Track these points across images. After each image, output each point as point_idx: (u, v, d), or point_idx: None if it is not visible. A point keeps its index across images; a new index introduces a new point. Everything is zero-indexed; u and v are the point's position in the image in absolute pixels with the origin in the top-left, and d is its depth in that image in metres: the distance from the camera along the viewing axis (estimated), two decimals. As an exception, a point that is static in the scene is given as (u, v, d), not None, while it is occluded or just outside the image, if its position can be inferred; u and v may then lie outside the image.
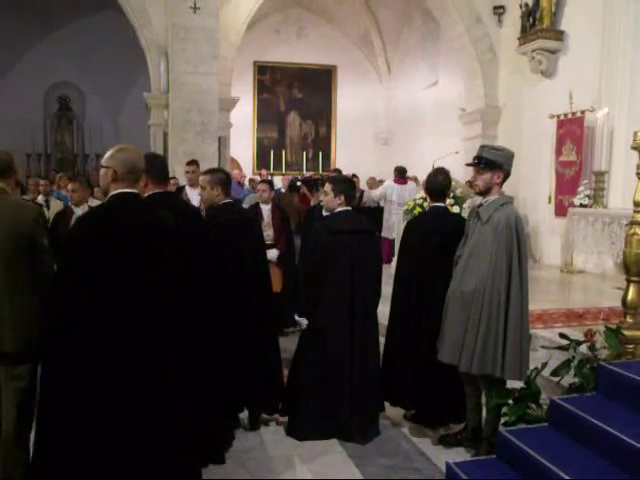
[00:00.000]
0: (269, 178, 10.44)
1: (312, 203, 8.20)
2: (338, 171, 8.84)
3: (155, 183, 3.54)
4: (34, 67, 15.42)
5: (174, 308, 2.78)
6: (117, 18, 11.97)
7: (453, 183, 6.13)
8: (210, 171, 4.57)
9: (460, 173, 8.12)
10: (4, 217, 3.31)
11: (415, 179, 11.49)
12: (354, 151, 16.00)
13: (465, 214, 5.25)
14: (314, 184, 8.95)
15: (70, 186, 6.01)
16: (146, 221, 2.79)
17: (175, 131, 10.07)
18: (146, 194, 3.41)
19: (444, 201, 4.72)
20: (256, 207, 6.68)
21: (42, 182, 8.40)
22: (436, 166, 5.41)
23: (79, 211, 5.60)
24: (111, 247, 2.63)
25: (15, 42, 15.25)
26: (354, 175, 9.97)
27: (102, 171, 2.88)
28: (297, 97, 16.80)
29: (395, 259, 6.63)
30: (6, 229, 3.27)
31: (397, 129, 16.58)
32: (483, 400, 4.15)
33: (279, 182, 12.20)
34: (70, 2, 14.79)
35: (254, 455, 4.14)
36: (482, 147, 4.06)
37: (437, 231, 4.43)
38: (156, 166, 3.57)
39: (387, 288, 4.78)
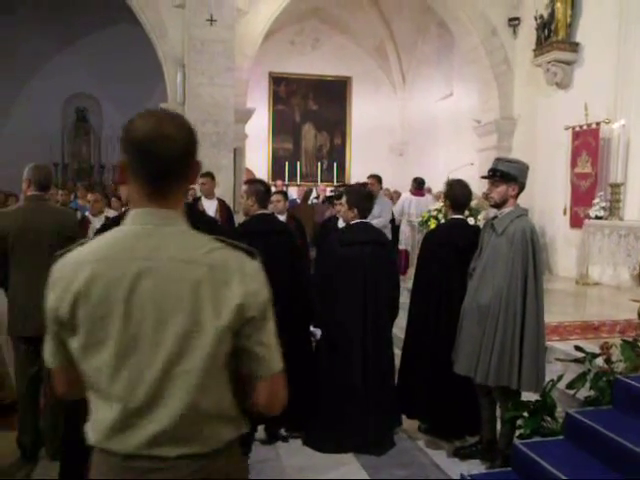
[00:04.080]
0: (284, 189, 10.46)
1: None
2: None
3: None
4: (52, 78, 15.60)
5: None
6: (134, 30, 12.12)
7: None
8: (249, 181, 4.86)
9: (474, 185, 8.09)
10: (51, 222, 3.94)
11: (429, 190, 11.44)
12: (369, 162, 15.92)
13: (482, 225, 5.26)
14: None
15: (91, 197, 6.17)
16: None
17: (191, 142, 10.12)
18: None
19: (463, 213, 4.72)
20: None
21: (60, 192, 8.52)
22: (451, 177, 5.40)
23: (96, 221, 5.69)
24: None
25: (33, 54, 15.47)
26: (365, 183, 9.84)
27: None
28: (312, 108, 16.85)
29: (411, 271, 6.62)
30: (52, 233, 3.87)
31: (412, 140, 16.58)
32: (498, 412, 4.15)
33: (294, 193, 12.26)
34: (88, 15, 15.00)
35: (269, 465, 4.14)
36: (497, 160, 4.08)
37: (455, 243, 4.42)
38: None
39: (403, 299, 4.78)
